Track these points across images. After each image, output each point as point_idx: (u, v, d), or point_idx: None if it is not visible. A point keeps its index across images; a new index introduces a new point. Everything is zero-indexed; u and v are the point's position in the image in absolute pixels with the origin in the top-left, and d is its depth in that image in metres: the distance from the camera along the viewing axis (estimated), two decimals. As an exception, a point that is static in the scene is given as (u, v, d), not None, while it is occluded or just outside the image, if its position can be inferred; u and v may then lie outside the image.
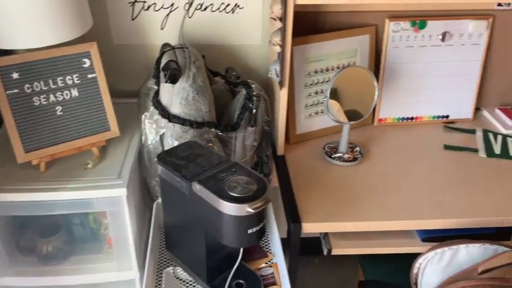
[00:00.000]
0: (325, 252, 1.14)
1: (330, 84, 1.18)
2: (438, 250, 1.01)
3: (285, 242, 1.09)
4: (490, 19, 1.35)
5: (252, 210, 0.83)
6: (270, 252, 1.11)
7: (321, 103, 1.36)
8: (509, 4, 1.34)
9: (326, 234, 1.17)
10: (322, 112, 1.37)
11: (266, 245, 1.12)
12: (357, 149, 1.32)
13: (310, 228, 1.08)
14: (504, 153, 1.31)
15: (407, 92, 1.41)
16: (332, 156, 1.29)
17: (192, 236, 0.96)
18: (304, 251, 1.14)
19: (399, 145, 1.36)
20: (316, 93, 1.35)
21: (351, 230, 1.10)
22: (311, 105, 1.36)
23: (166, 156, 0.96)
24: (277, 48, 1.11)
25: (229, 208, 0.83)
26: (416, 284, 1.05)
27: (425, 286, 1.04)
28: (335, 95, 1.20)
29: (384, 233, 1.18)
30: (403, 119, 1.45)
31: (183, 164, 0.92)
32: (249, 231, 0.86)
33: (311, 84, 1.34)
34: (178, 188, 0.92)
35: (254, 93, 1.22)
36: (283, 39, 1.08)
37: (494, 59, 1.42)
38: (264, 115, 1.27)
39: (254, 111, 1.21)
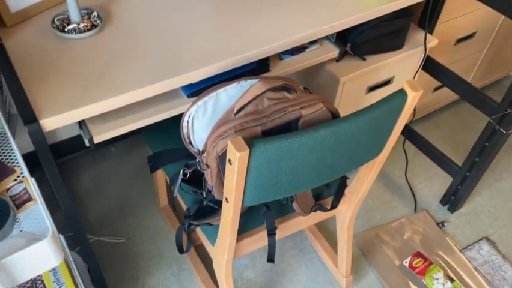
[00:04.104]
0: (87, 143, 0.99)
1: None
2: (200, 103, 0.95)
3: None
4: None
5: None
6: (18, 166, 0.91)
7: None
8: None
9: (82, 123, 1.01)
10: (37, -24, 1.07)
11: (11, 159, 0.91)
12: (95, 13, 1.09)
13: (53, 123, 0.89)
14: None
15: None
16: (66, 29, 1.05)
17: None
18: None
19: (144, -2, 1.18)
20: (16, -49, 1.02)
21: (107, 110, 0.95)
22: (17, -31, 1.04)
23: None
24: None
25: None
26: (191, 142, 1.01)
27: (198, 142, 1.00)
28: None
29: (150, 102, 1.07)
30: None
31: None
32: None
33: None
34: None
35: None
36: None
37: None
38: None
39: None
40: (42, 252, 0.72)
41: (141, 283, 1.42)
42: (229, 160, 0.79)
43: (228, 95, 0.95)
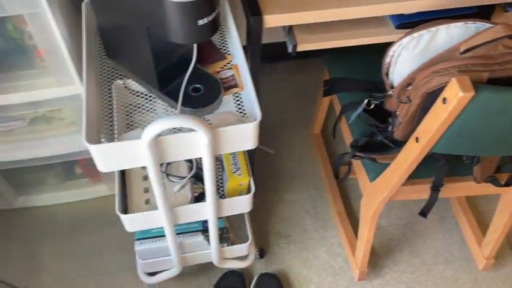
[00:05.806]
0: (290, 49, 1.02)
1: None
2: (416, 34, 0.91)
3: (244, 48, 0.95)
4: None
5: (200, -7, 0.66)
6: (229, 54, 0.98)
7: None
8: None
9: (290, 29, 1.04)
10: None
11: (223, 46, 0.99)
12: None
13: (273, 21, 0.93)
14: None
15: None
16: None
17: (132, 37, 0.80)
18: (266, 58, 1.02)
19: None
20: None
21: (320, 20, 0.96)
22: None
23: None
24: None
25: (170, -8, 0.66)
26: (387, 74, 0.98)
27: (396, 75, 0.97)
28: None
29: (354, 24, 1.05)
30: None
31: None
32: (200, 22, 0.71)
33: None
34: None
35: None
36: None
37: None
38: None
39: None
40: (247, 132, 0.79)
41: (279, 195, 1.51)
42: (443, 99, 0.75)
43: (449, 34, 0.89)
